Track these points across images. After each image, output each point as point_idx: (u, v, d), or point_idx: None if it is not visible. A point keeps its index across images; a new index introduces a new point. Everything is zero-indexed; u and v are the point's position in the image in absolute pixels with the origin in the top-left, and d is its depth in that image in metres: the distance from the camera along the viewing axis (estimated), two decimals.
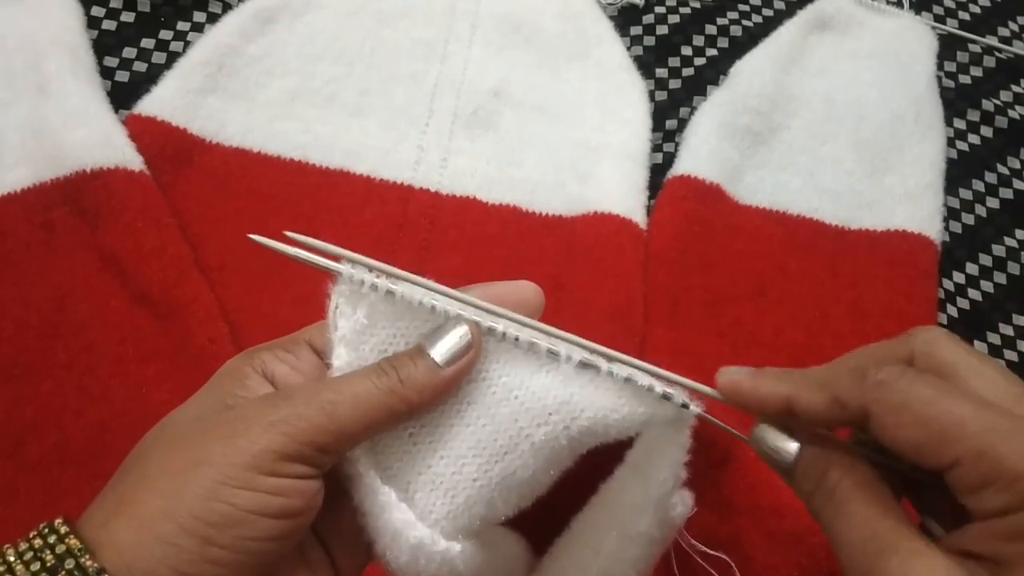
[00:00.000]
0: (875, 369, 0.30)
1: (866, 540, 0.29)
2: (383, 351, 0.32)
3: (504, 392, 0.32)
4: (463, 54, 0.66)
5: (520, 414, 0.32)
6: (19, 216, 0.55)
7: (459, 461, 0.32)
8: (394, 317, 0.32)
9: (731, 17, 0.72)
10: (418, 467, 0.32)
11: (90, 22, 0.63)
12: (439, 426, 0.32)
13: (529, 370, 0.32)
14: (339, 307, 0.32)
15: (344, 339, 0.32)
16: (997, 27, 0.74)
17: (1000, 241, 0.65)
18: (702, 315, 0.59)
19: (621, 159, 0.63)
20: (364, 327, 0.32)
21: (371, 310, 0.32)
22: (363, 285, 0.32)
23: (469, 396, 0.32)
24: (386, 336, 0.32)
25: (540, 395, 0.32)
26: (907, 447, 0.29)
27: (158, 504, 0.28)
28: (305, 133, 0.62)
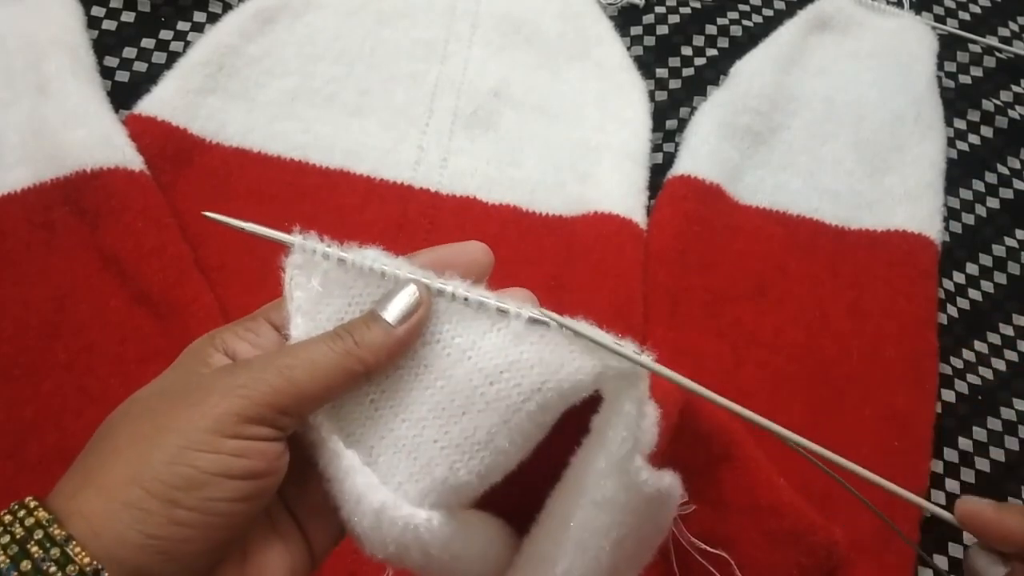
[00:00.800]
0: None
1: None
2: (339, 319, 0.33)
3: (458, 353, 0.32)
4: (463, 54, 0.66)
5: (474, 374, 0.32)
6: (19, 216, 0.55)
7: (420, 423, 0.32)
8: (347, 284, 0.33)
9: (731, 17, 0.72)
10: (380, 431, 0.33)
11: (90, 22, 0.63)
12: (399, 390, 0.33)
13: (480, 329, 0.33)
14: (294, 278, 0.33)
15: (300, 309, 0.33)
16: (997, 27, 0.74)
17: (1000, 241, 0.65)
18: (702, 315, 0.59)
19: (621, 159, 0.63)
20: (319, 295, 0.33)
21: (325, 278, 0.33)
22: (315, 254, 0.33)
23: (426, 359, 0.33)
24: (341, 304, 0.33)
25: (492, 354, 0.32)
26: None
27: (124, 472, 0.28)
28: (305, 133, 0.62)
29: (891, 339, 0.59)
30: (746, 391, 0.56)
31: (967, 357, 0.61)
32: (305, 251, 0.33)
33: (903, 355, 0.59)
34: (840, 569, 0.50)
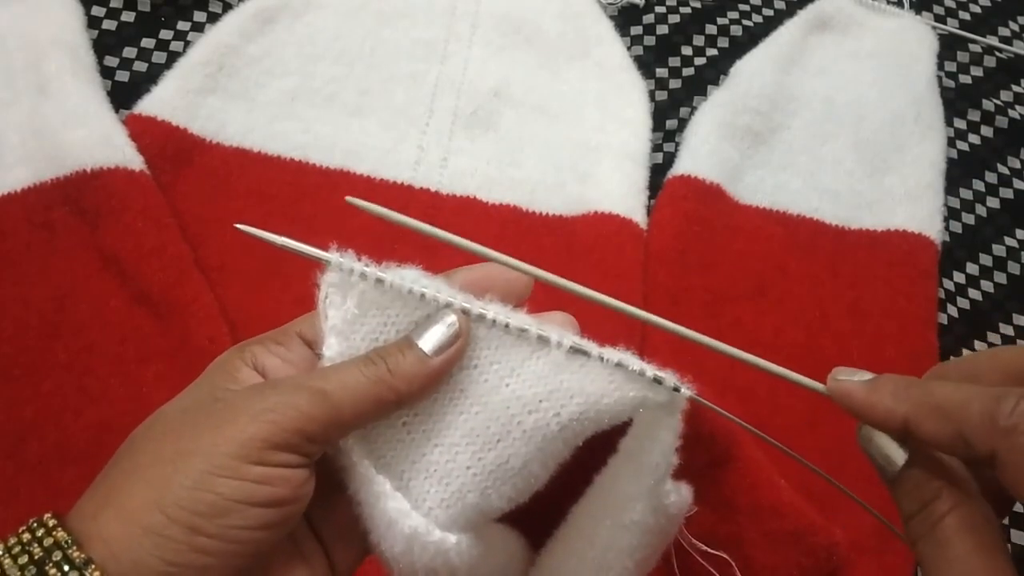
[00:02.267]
0: (1009, 407, 0.28)
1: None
2: (374, 340, 0.32)
3: (496, 380, 0.32)
4: (463, 54, 0.66)
5: (511, 401, 0.32)
6: (19, 216, 0.55)
7: (453, 449, 0.32)
8: (384, 306, 0.32)
9: (731, 17, 0.72)
10: (412, 455, 0.32)
11: (90, 22, 0.63)
12: (433, 414, 0.32)
13: (520, 356, 0.32)
14: (329, 296, 0.32)
15: (335, 328, 0.32)
16: (997, 27, 0.74)
17: (1000, 241, 0.65)
18: (702, 315, 0.59)
19: (621, 159, 0.63)
20: (355, 316, 0.32)
21: (361, 299, 0.32)
22: (353, 273, 0.32)
23: (462, 384, 0.32)
24: (377, 325, 0.32)
25: (531, 382, 0.32)
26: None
27: (146, 495, 0.28)
28: (305, 133, 0.62)
29: (891, 339, 0.59)
30: (746, 391, 0.56)
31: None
32: (342, 270, 0.32)
33: (903, 355, 0.59)
34: (841, 570, 0.50)
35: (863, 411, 0.31)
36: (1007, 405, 0.28)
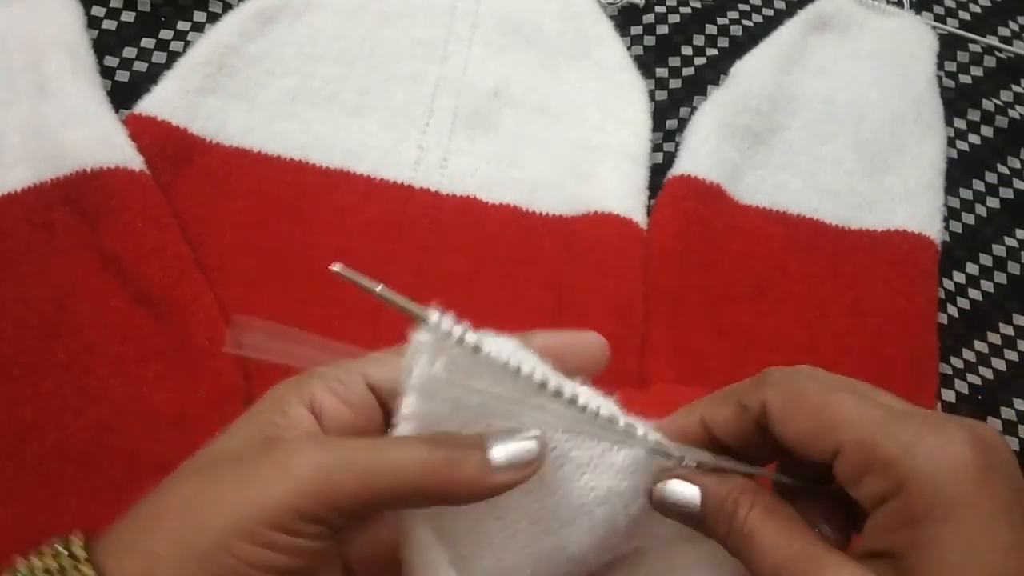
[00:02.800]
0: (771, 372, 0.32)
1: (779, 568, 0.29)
2: (454, 405, 0.30)
3: (572, 468, 0.31)
4: (463, 54, 0.66)
5: (584, 492, 0.31)
6: (19, 216, 0.55)
7: (513, 526, 0.31)
8: (473, 373, 0.30)
9: (731, 17, 0.72)
10: (469, 523, 0.31)
11: (90, 22, 0.63)
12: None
13: (600, 447, 0.31)
14: (417, 354, 0.30)
15: (415, 388, 0.30)
16: (997, 27, 0.74)
17: (1000, 241, 0.66)
18: (702, 315, 0.59)
19: (621, 159, 0.63)
20: (440, 381, 0.30)
21: (451, 364, 0.30)
22: (449, 337, 0.29)
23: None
24: (462, 391, 0.30)
25: (608, 475, 0.31)
26: (798, 437, 0.30)
27: (171, 547, 0.27)
28: (305, 133, 0.62)
29: (891, 339, 0.59)
30: None
31: (967, 357, 0.61)
32: (438, 331, 0.29)
33: (903, 355, 0.59)
34: None
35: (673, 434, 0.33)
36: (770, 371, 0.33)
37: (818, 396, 0.30)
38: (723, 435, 0.33)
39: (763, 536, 0.30)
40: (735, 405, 0.32)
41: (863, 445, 0.29)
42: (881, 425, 0.29)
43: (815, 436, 0.30)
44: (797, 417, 0.30)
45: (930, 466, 0.27)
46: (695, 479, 0.32)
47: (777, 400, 0.31)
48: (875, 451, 0.28)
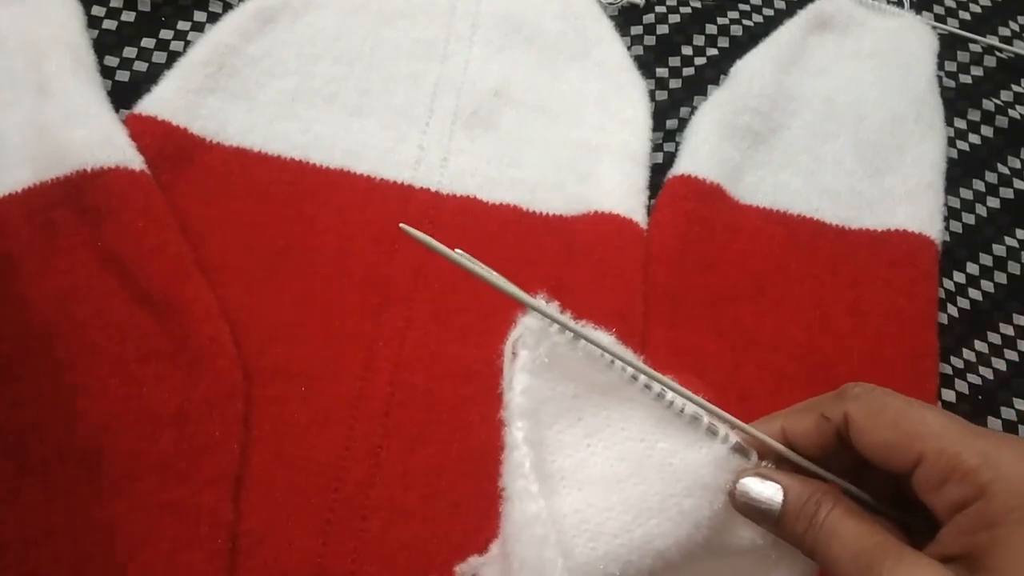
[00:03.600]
0: (852, 387, 0.35)
1: (857, 556, 0.31)
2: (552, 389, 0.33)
3: (660, 458, 0.33)
4: (463, 54, 0.66)
5: (673, 483, 0.32)
6: (20, 216, 0.55)
7: (606, 513, 0.32)
8: (570, 362, 0.33)
9: (731, 17, 0.72)
10: (565, 510, 0.32)
11: (90, 22, 0.63)
12: (592, 477, 0.33)
13: (685, 441, 0.33)
14: (523, 337, 0.33)
15: (525, 367, 0.32)
16: (997, 27, 0.74)
17: (1000, 241, 0.66)
18: (702, 315, 0.59)
19: (621, 159, 0.63)
20: (544, 365, 0.32)
21: (552, 350, 0.32)
22: (552, 324, 0.32)
23: (624, 453, 0.33)
24: (561, 377, 0.33)
25: (693, 469, 0.32)
26: (879, 447, 0.32)
27: None
28: (305, 133, 0.62)
29: (891, 339, 0.59)
30: (746, 391, 0.56)
31: (967, 357, 0.61)
32: (542, 318, 0.33)
33: (903, 355, 0.59)
34: None
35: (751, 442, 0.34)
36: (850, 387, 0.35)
37: (900, 409, 0.33)
38: (803, 445, 0.35)
39: (845, 530, 0.32)
40: (817, 416, 0.34)
41: (945, 454, 0.31)
42: (962, 437, 0.31)
43: (897, 446, 0.32)
44: (880, 428, 0.33)
45: (1011, 473, 0.30)
46: (776, 478, 0.34)
47: (860, 412, 0.33)
48: (957, 460, 0.31)
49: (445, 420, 0.53)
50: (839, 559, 0.31)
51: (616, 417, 0.33)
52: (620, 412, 0.33)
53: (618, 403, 0.33)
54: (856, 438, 0.33)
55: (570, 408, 0.33)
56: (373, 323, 0.56)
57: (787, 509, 0.33)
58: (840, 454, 0.35)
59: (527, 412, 0.32)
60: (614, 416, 0.33)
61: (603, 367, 0.33)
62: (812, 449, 0.35)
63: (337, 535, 0.50)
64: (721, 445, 0.33)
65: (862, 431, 0.33)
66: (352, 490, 0.51)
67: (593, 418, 0.33)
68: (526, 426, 0.32)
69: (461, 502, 0.51)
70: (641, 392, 0.33)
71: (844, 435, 0.34)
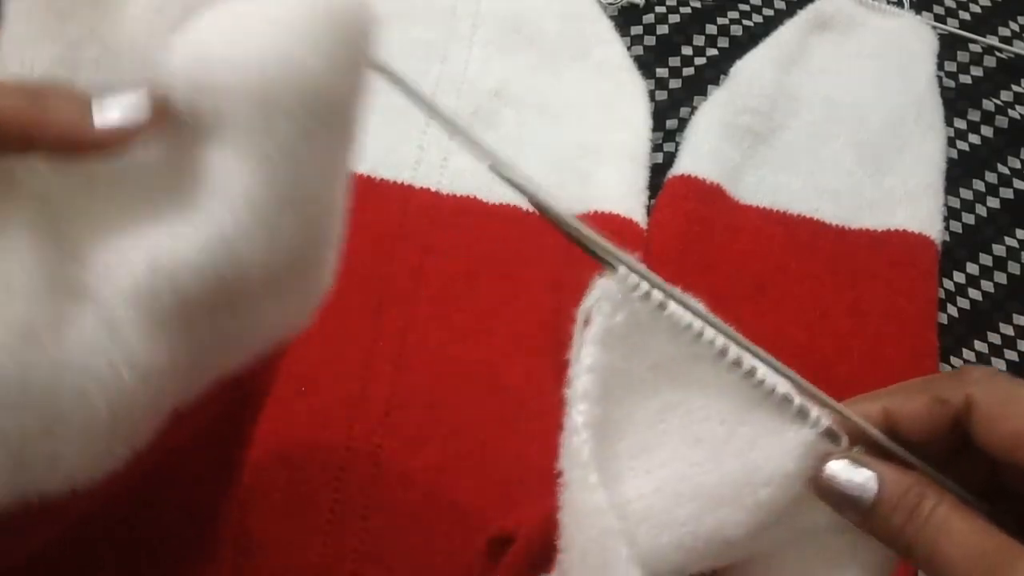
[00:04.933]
0: (972, 369, 0.31)
1: (976, 558, 0.28)
2: (628, 359, 0.29)
3: (740, 443, 0.30)
4: (463, 54, 0.66)
5: (752, 470, 0.29)
6: None
7: (675, 499, 0.30)
8: (652, 330, 0.29)
9: (731, 17, 0.72)
10: (630, 495, 0.30)
11: None
12: (663, 460, 0.30)
13: (771, 426, 0.30)
14: (598, 303, 0.29)
15: (597, 339, 0.29)
16: (997, 27, 0.74)
17: (1000, 241, 0.65)
18: None
19: (621, 159, 0.63)
20: (621, 335, 0.29)
21: (631, 317, 0.29)
22: (635, 289, 0.29)
23: (701, 435, 0.30)
24: (637, 348, 0.29)
25: (776, 455, 0.29)
26: (1012, 438, 0.29)
27: None
28: None
29: (891, 339, 0.59)
30: None
31: (967, 357, 0.61)
32: (624, 283, 0.29)
33: (903, 355, 0.59)
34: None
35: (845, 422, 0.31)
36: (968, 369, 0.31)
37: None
38: (909, 430, 0.31)
39: (959, 527, 0.28)
40: (930, 398, 0.30)
41: None
42: None
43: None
44: (1014, 415, 0.29)
45: None
46: (871, 464, 0.30)
47: (987, 396, 0.29)
48: None
49: (445, 420, 0.53)
50: (952, 560, 0.28)
51: (696, 395, 0.30)
52: (701, 390, 0.30)
53: (700, 380, 0.30)
54: (981, 425, 0.29)
55: (644, 381, 0.30)
56: (373, 323, 0.55)
57: (883, 498, 0.29)
58: (951, 443, 0.31)
59: (591, 393, 0.29)
60: (694, 394, 0.30)
61: (690, 340, 0.29)
62: (918, 436, 0.31)
63: (337, 535, 0.50)
64: (810, 430, 0.29)
65: (991, 418, 0.29)
66: (352, 490, 0.51)
67: (670, 394, 0.30)
68: (588, 410, 0.29)
69: (461, 502, 0.51)
70: (728, 369, 0.30)
71: (963, 421, 0.30)
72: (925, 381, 0.31)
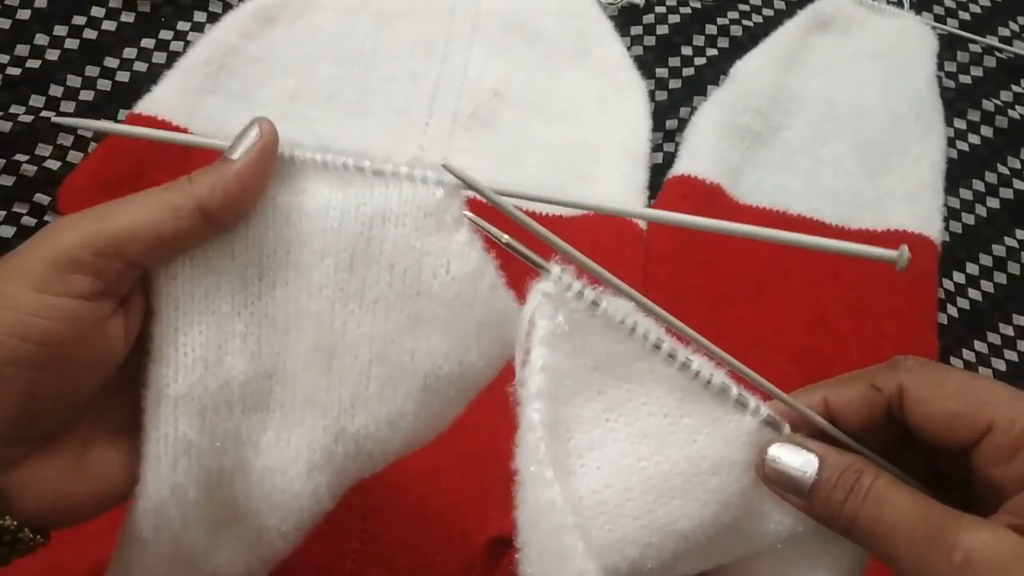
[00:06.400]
0: (904, 359, 0.32)
1: (918, 523, 0.29)
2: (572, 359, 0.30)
3: (685, 434, 0.31)
4: (463, 54, 0.66)
5: (698, 459, 0.30)
6: None
7: (626, 494, 0.30)
8: (590, 330, 0.30)
9: (731, 17, 0.72)
10: (582, 491, 0.30)
11: (90, 22, 0.63)
12: (611, 456, 0.31)
13: (712, 415, 0.31)
14: (539, 306, 0.30)
15: (544, 340, 0.30)
16: (997, 27, 0.74)
17: (1000, 241, 0.65)
18: (702, 315, 0.59)
19: (621, 159, 0.63)
20: (564, 333, 0.30)
21: (570, 317, 0.30)
22: (569, 289, 0.30)
23: (646, 430, 0.31)
24: (581, 346, 0.31)
25: (720, 444, 0.30)
26: (941, 419, 0.30)
27: None
28: (305, 133, 0.61)
29: (891, 339, 0.59)
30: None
31: (967, 357, 0.61)
32: (559, 282, 0.30)
33: (903, 355, 0.59)
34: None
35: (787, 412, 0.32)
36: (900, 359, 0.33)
37: (963, 379, 0.31)
38: (847, 417, 0.32)
39: (899, 496, 0.30)
40: (866, 387, 0.32)
41: (1018, 423, 0.29)
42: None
43: (962, 416, 0.30)
44: (943, 398, 0.30)
45: None
46: (811, 446, 0.31)
47: (918, 383, 0.31)
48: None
49: None
50: (895, 528, 0.29)
51: (638, 391, 0.31)
52: (642, 385, 0.31)
53: (640, 375, 0.31)
54: (913, 410, 0.31)
55: (589, 382, 0.31)
56: None
57: (823, 478, 0.31)
58: (886, 429, 0.33)
59: (545, 391, 0.30)
60: (635, 390, 0.31)
61: (624, 335, 0.30)
62: (856, 423, 0.32)
63: (337, 535, 0.50)
64: (751, 418, 0.31)
65: (921, 402, 0.31)
66: (352, 490, 0.51)
67: (613, 392, 0.31)
68: (543, 407, 0.30)
69: (461, 502, 0.51)
70: (665, 363, 0.31)
71: (895, 408, 0.32)
72: (861, 372, 0.33)
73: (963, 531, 0.28)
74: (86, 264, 0.28)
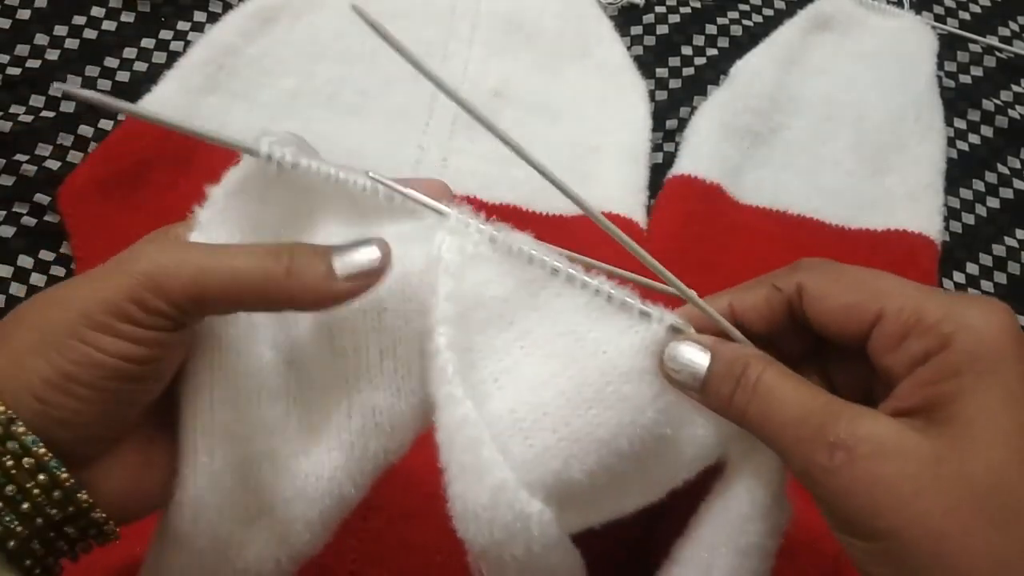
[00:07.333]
0: (805, 260, 0.34)
1: (804, 417, 0.30)
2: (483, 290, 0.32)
3: (593, 347, 0.32)
4: (463, 54, 0.66)
5: (608, 369, 0.31)
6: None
7: (541, 409, 0.31)
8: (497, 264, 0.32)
9: (731, 17, 0.72)
10: (499, 411, 0.31)
11: (90, 22, 0.63)
12: (525, 376, 0.32)
13: (618, 328, 0.32)
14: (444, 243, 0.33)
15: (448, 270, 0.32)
16: (997, 27, 0.74)
17: (1000, 241, 0.65)
18: None
19: (621, 159, 0.63)
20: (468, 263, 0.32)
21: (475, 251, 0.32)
22: (468, 226, 0.33)
23: (555, 350, 0.32)
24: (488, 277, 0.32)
25: (629, 354, 0.31)
26: (837, 311, 0.31)
27: (28, 342, 0.29)
28: (305, 133, 0.61)
29: None
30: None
31: None
32: (459, 222, 0.33)
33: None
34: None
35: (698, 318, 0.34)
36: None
37: (857, 273, 0.32)
38: (751, 320, 0.34)
39: (783, 390, 0.30)
40: (768, 288, 0.33)
41: (907, 310, 0.30)
42: (922, 293, 0.31)
43: (855, 307, 0.31)
44: (838, 291, 0.32)
45: (976, 323, 0.29)
46: (705, 341, 0.33)
47: (815, 279, 0.32)
48: (920, 313, 0.30)
49: None
50: (782, 421, 0.30)
51: (547, 315, 0.32)
52: (549, 309, 0.32)
53: (546, 302, 0.32)
54: (812, 305, 0.32)
55: (501, 313, 0.32)
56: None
57: (714, 371, 0.32)
58: (791, 330, 0.34)
59: (451, 318, 0.31)
60: (544, 315, 0.32)
61: (523, 263, 0.32)
62: (761, 324, 0.34)
63: (337, 535, 0.49)
64: (657, 326, 0.32)
65: (818, 297, 0.32)
66: None
67: (524, 320, 0.32)
68: (449, 332, 0.31)
69: None
70: (567, 284, 0.32)
71: (796, 307, 0.33)
72: (764, 276, 0.34)
73: (844, 424, 0.28)
74: (162, 311, 0.29)
